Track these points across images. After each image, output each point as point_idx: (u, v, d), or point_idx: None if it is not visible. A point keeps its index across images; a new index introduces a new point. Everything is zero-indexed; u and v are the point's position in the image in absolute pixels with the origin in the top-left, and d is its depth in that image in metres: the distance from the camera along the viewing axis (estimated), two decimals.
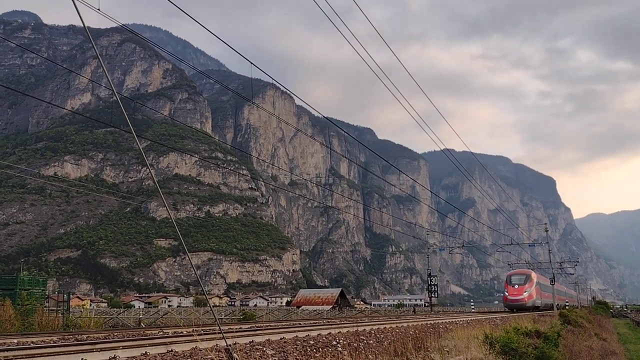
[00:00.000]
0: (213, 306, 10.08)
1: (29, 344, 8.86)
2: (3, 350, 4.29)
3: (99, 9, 7.38)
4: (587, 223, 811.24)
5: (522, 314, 35.02)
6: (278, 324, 12.92)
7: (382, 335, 11.79)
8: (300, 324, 14.56)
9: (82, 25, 5.20)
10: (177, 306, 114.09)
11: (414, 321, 18.05)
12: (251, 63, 13.13)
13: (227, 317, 34.69)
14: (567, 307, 56.19)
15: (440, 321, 19.24)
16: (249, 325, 12.05)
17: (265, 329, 10.62)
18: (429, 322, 17.71)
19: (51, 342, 9.49)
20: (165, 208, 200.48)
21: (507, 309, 46.26)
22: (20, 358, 5.24)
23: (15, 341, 9.12)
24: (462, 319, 21.97)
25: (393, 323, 15.98)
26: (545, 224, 63.13)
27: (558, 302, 54.44)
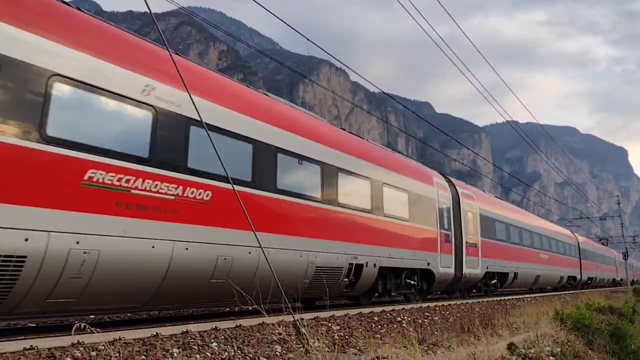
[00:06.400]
0: None
1: (105, 319, 9.34)
2: (81, 322, 4.51)
3: None
4: None
5: (593, 290, 33.61)
6: (340, 300, 13.10)
7: (447, 312, 11.62)
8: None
9: (142, 11, 5.27)
10: None
11: (479, 298, 17.73)
12: (307, 39, 13.00)
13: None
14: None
15: (506, 298, 18.78)
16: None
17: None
18: (494, 299, 17.32)
19: (125, 318, 9.96)
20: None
21: None
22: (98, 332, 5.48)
23: (92, 316, 9.62)
24: (529, 296, 21.36)
25: (457, 300, 15.74)
26: (617, 196, 59.71)
27: (632, 278, 51.69)
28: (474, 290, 19.48)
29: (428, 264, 13.89)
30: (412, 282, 13.39)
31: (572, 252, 32.19)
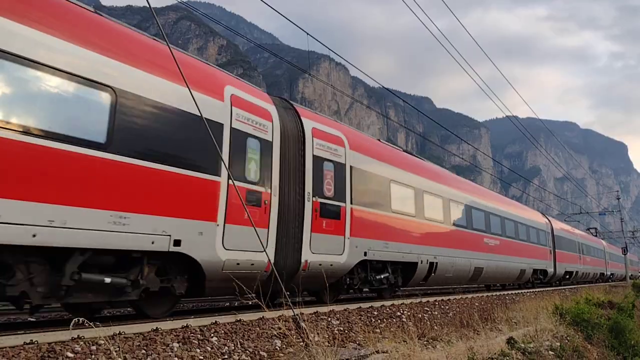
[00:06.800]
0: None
1: (105, 314, 9.33)
2: (81, 317, 4.53)
3: None
4: None
5: (593, 284, 33.53)
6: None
7: (446, 307, 11.64)
8: (362, 295, 14.64)
9: (141, 6, 5.25)
10: None
11: (479, 293, 17.74)
12: (307, 33, 13.00)
13: None
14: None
15: (506, 292, 18.83)
16: (311, 297, 12.25)
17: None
18: (494, 294, 17.36)
19: (126, 312, 9.96)
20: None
21: None
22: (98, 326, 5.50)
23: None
24: (529, 291, 21.41)
25: (457, 294, 15.76)
26: (617, 191, 59.83)
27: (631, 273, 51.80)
28: (350, 291, 12.00)
29: (176, 242, 6.90)
30: (108, 281, 6.27)
31: (542, 239, 26.21)
